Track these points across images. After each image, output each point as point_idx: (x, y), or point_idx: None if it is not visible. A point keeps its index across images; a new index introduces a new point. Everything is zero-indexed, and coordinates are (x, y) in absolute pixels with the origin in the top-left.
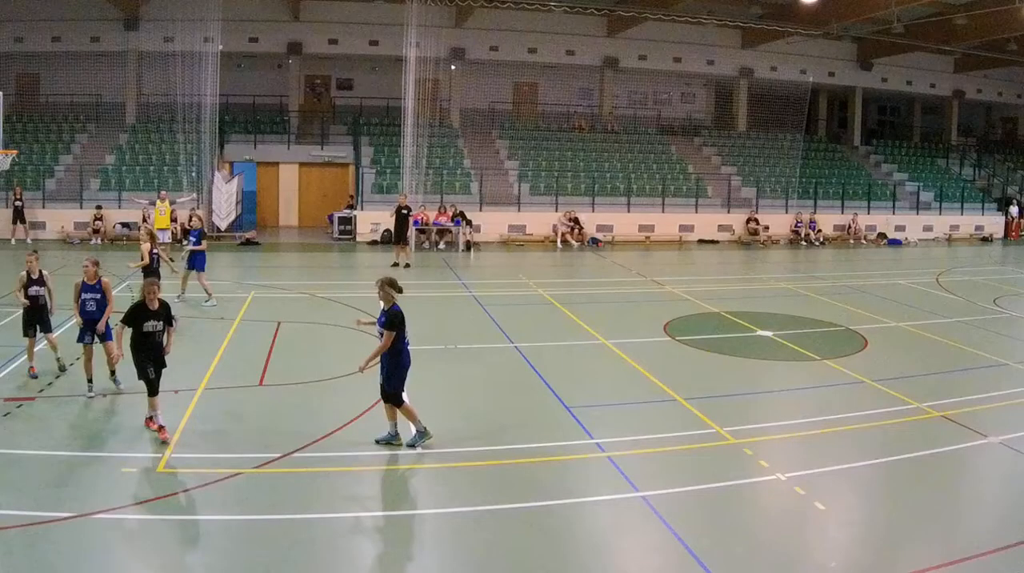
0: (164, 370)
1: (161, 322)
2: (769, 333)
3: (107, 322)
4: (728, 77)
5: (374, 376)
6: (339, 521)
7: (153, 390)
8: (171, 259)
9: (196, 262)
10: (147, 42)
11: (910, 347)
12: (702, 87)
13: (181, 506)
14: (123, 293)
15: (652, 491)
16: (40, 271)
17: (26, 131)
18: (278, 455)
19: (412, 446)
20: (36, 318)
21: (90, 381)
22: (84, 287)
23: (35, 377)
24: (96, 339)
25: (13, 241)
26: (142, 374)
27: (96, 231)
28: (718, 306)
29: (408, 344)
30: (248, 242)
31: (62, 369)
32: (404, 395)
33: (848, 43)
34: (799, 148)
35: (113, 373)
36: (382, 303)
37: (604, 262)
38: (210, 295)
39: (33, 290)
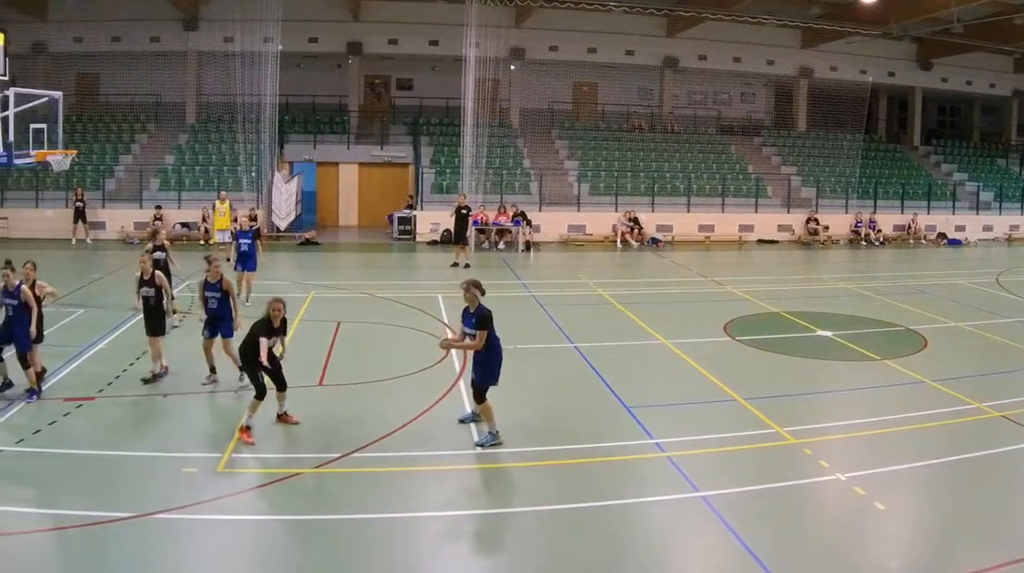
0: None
1: (277, 337)
2: (829, 333)
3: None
4: (788, 77)
5: (435, 376)
6: (397, 521)
7: (261, 394)
8: (228, 259)
9: (248, 263)
10: (207, 42)
11: (970, 347)
12: (762, 87)
13: (241, 506)
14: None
15: (712, 491)
16: (153, 272)
17: (86, 131)
18: (338, 455)
19: (481, 446)
20: (146, 319)
21: (212, 370)
22: (207, 286)
23: (162, 374)
24: (213, 334)
25: (74, 241)
26: (254, 380)
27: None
28: (778, 306)
29: (499, 340)
30: (308, 242)
31: (145, 381)
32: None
33: (908, 43)
34: (859, 148)
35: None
36: (467, 305)
37: (664, 262)
38: (248, 297)
39: (144, 291)
